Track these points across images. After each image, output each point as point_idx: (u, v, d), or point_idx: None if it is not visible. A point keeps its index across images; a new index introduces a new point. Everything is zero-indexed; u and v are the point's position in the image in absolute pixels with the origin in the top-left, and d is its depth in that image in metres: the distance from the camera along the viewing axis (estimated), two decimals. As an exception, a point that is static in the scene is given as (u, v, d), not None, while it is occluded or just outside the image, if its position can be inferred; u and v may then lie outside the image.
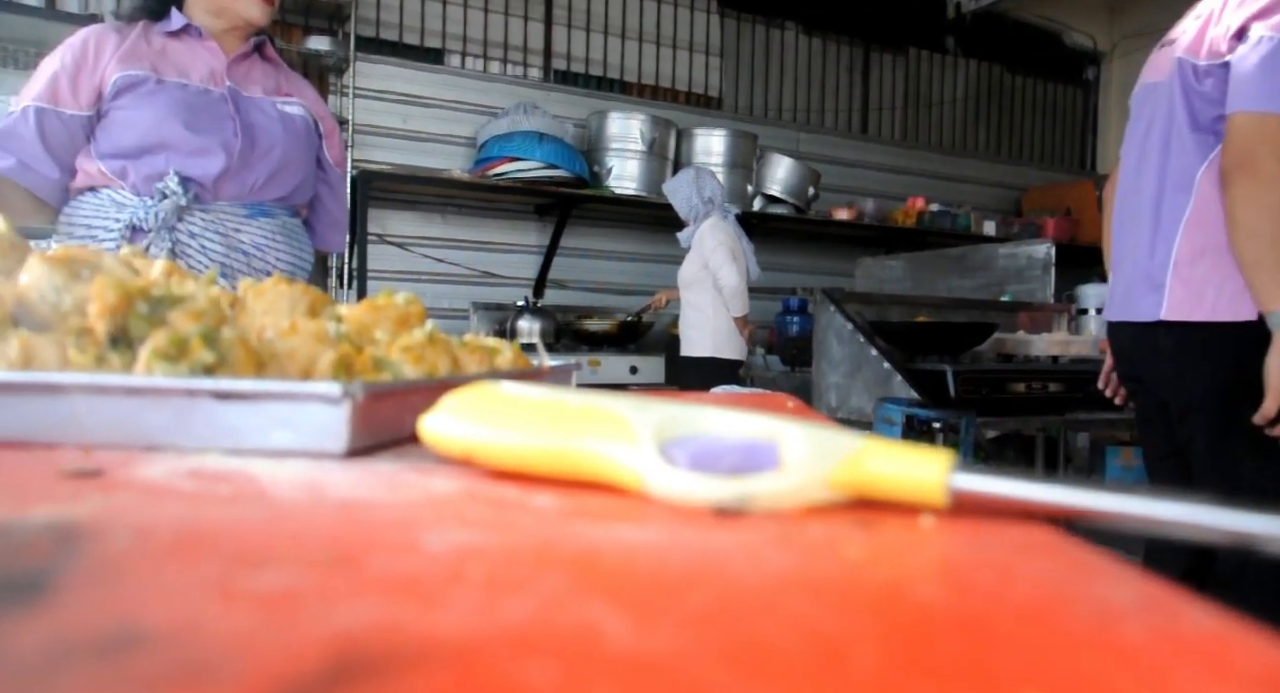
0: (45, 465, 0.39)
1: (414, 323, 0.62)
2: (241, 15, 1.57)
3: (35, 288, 0.56)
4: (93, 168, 1.50)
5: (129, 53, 1.51)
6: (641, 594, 0.21)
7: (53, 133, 1.48)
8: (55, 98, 1.48)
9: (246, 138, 1.55)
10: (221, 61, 1.58)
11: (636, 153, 4.10)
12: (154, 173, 1.48)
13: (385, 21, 4.13)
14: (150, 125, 1.48)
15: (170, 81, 1.51)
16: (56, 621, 0.17)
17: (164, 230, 1.47)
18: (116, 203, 1.49)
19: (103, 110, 1.50)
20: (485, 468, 0.39)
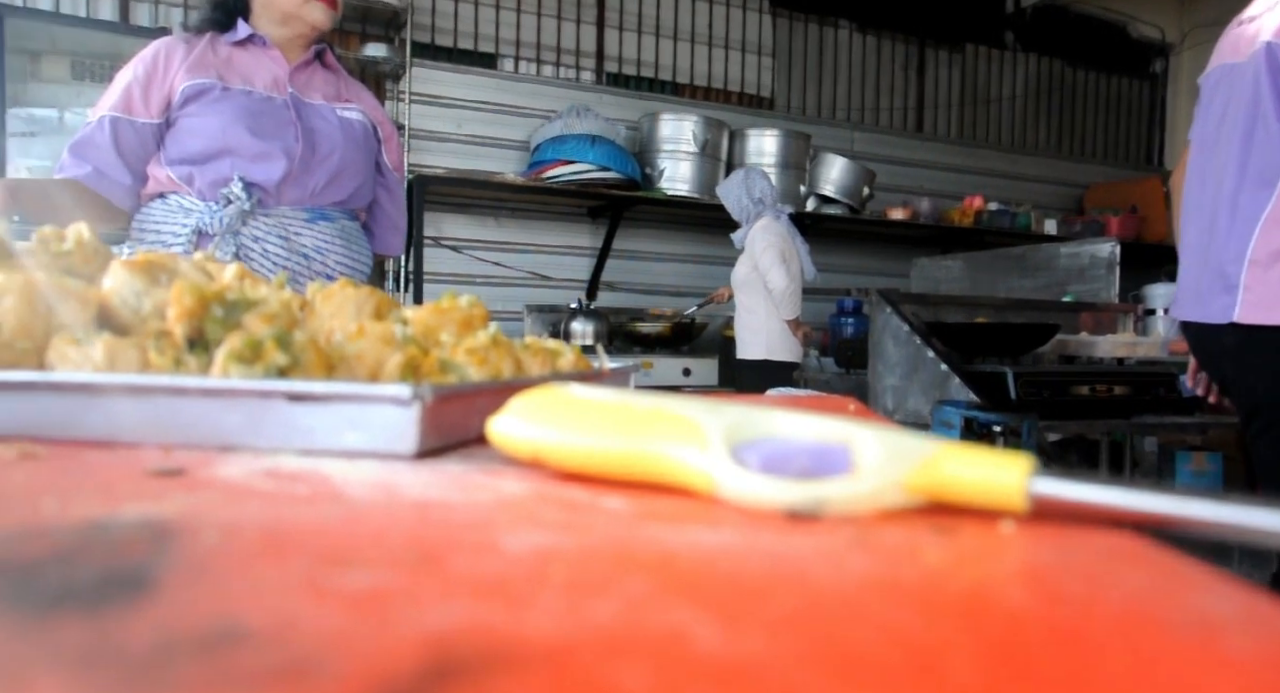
0: (130, 464, 0.40)
1: (477, 326, 0.62)
2: (307, 21, 1.61)
3: (117, 293, 0.58)
4: (162, 174, 1.55)
5: (196, 62, 1.55)
6: (725, 598, 0.21)
7: (126, 141, 1.53)
8: (128, 107, 1.53)
9: (307, 143, 1.58)
10: (284, 69, 1.62)
11: (689, 154, 4.09)
12: (219, 178, 1.52)
13: (440, 27, 4.19)
14: (216, 132, 1.52)
15: (235, 89, 1.56)
16: (161, 616, 0.18)
17: (228, 235, 1.51)
18: (184, 208, 1.54)
19: (171, 118, 1.55)
20: (553, 470, 0.39)
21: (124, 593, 0.19)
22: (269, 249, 1.54)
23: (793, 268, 3.43)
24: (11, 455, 0.42)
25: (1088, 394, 2.47)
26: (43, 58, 3.42)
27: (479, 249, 4.14)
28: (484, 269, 4.13)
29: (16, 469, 0.38)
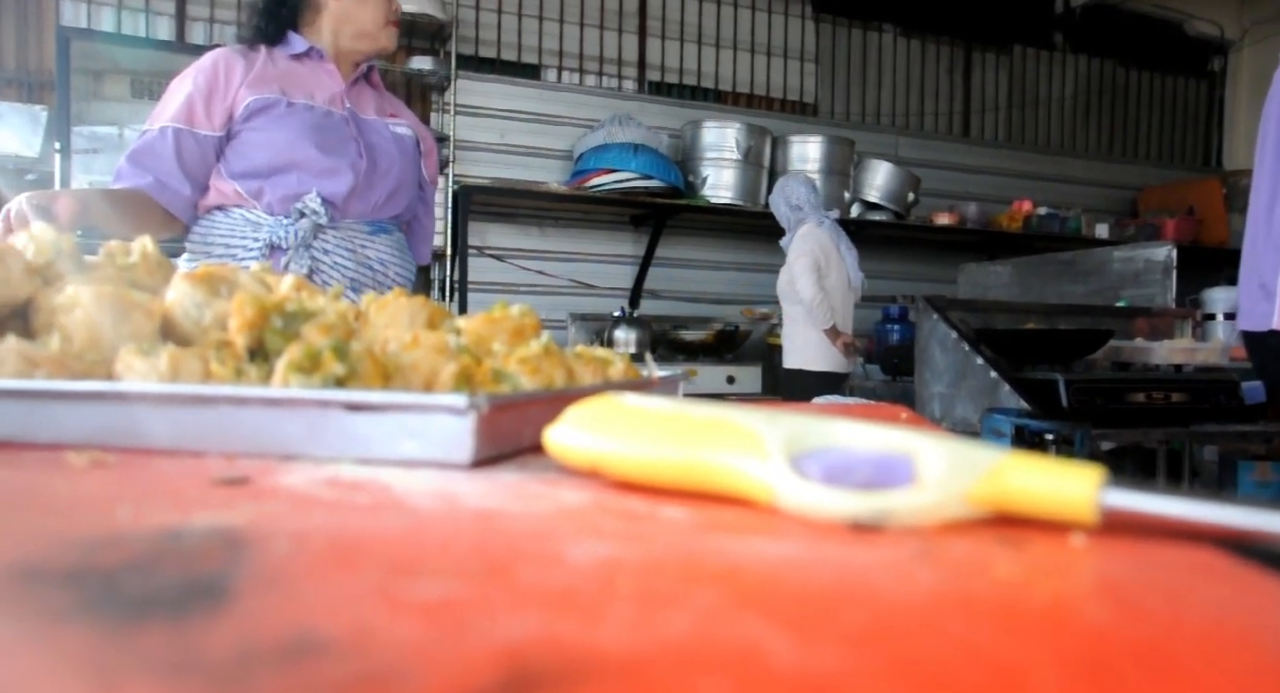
0: (196, 473, 0.41)
1: (529, 335, 0.62)
2: (380, 42, 1.65)
3: (179, 304, 0.59)
4: (228, 188, 1.55)
5: (258, 76, 1.57)
6: (797, 611, 0.21)
7: (188, 152, 1.53)
8: (190, 119, 1.53)
9: (370, 158, 1.61)
10: (340, 85, 1.64)
11: (731, 162, 4.09)
12: (288, 192, 1.54)
13: (484, 39, 4.24)
14: (283, 146, 1.54)
15: (299, 104, 1.57)
16: (241, 626, 0.18)
17: (302, 248, 1.53)
18: (251, 222, 1.54)
19: (233, 131, 1.55)
20: (610, 479, 0.39)
21: (204, 602, 0.19)
22: (338, 261, 1.56)
23: (832, 277, 3.39)
24: (83, 463, 0.43)
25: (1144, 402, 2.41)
26: (104, 77, 3.52)
27: (523, 258, 4.18)
28: (528, 278, 4.16)
29: (89, 477, 0.39)
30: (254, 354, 0.53)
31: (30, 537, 0.26)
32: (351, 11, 1.65)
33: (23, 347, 0.53)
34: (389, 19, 1.68)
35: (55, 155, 3.35)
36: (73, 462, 0.43)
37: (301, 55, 1.63)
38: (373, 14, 1.65)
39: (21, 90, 3.61)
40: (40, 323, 0.59)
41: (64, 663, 0.16)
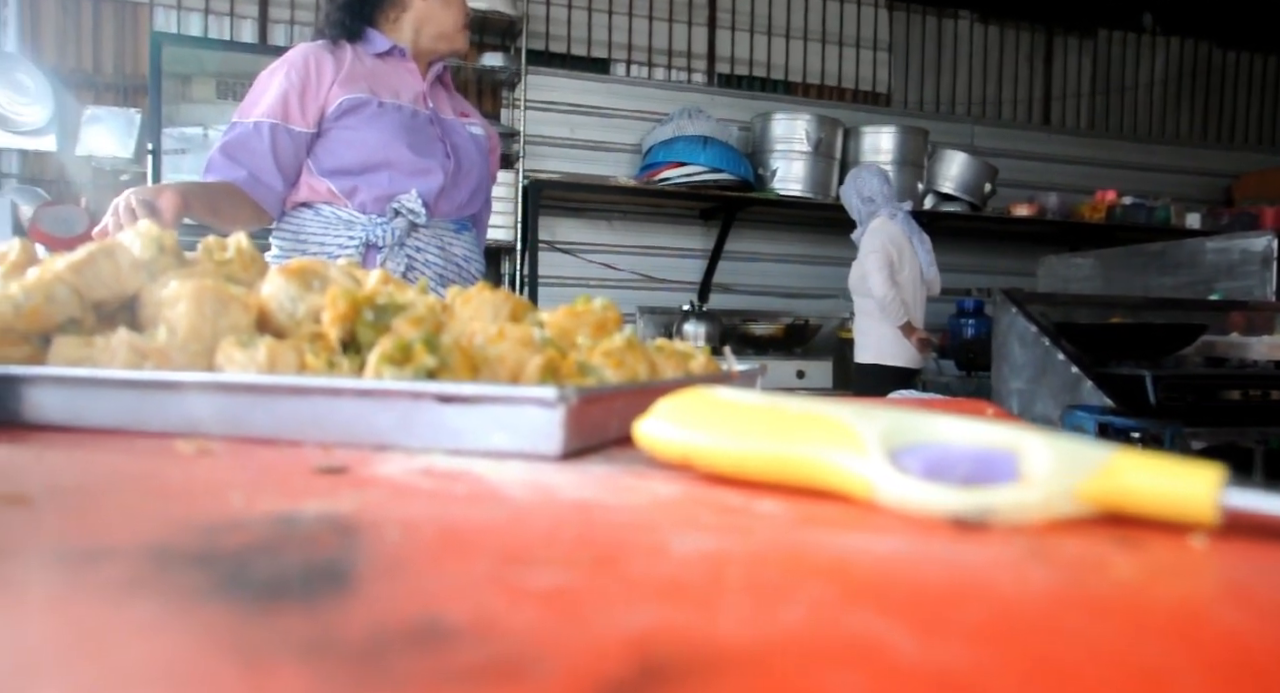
0: (296, 461, 0.42)
1: (611, 328, 0.63)
2: (455, 44, 1.68)
3: (274, 298, 0.61)
4: (320, 185, 1.57)
5: (349, 75, 1.58)
6: (913, 606, 0.20)
7: (282, 148, 1.54)
8: (286, 115, 1.54)
9: (456, 158, 1.64)
10: (421, 84, 1.67)
11: (802, 154, 4.04)
12: (381, 192, 1.55)
13: (554, 34, 4.27)
14: (376, 145, 1.55)
15: (389, 104, 1.60)
16: (369, 610, 0.18)
17: (398, 246, 1.56)
18: (344, 220, 1.56)
19: (324, 128, 1.57)
20: (700, 472, 0.39)
21: (331, 586, 0.20)
22: (430, 259, 1.59)
23: (905, 272, 3.32)
24: (191, 451, 0.45)
25: (1239, 399, 2.30)
26: (192, 80, 3.65)
27: (592, 252, 4.20)
28: (597, 272, 4.18)
29: (198, 464, 0.41)
30: (346, 346, 0.54)
31: (157, 520, 0.27)
32: (435, 12, 1.67)
33: (133, 339, 0.55)
34: (464, 22, 1.70)
35: (148, 156, 3.49)
36: (181, 449, 0.45)
37: (385, 53, 1.65)
38: (454, 16, 1.68)
39: (118, 94, 3.76)
40: (146, 316, 0.62)
41: (210, 641, 0.16)
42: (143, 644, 0.16)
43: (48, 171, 3.72)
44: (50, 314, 0.58)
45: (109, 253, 0.63)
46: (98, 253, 0.63)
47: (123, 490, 0.33)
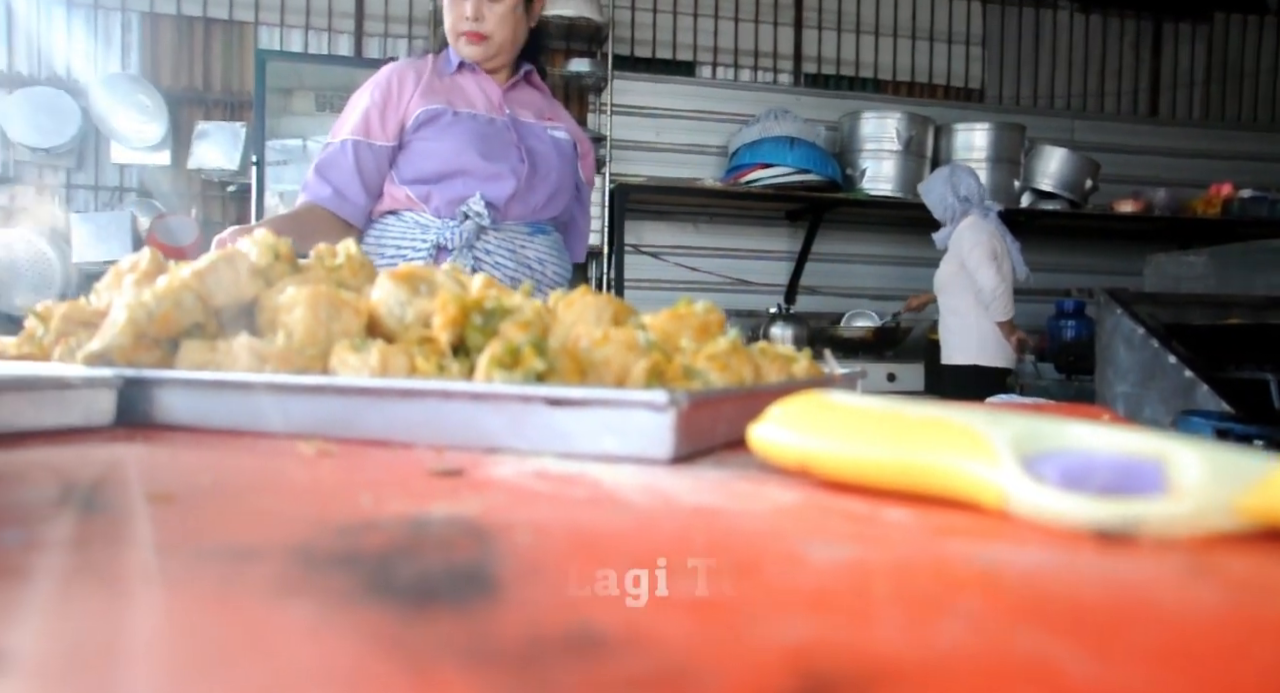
0: (412, 463, 0.43)
1: (714, 331, 0.62)
2: (464, 54, 1.70)
3: (384, 302, 0.62)
4: (400, 193, 1.66)
5: (427, 88, 1.67)
6: (1077, 623, 0.19)
7: (365, 163, 1.65)
8: (367, 131, 1.65)
9: (530, 162, 1.67)
10: (498, 91, 1.71)
11: (891, 153, 3.95)
12: (454, 196, 1.62)
13: (640, 39, 4.28)
14: (450, 154, 1.63)
15: (464, 113, 1.66)
16: (520, 615, 0.18)
17: (465, 249, 1.61)
18: (420, 225, 1.64)
19: (405, 140, 1.66)
20: (817, 478, 0.38)
21: (477, 590, 0.20)
22: (500, 261, 1.63)
23: (1004, 268, 3.23)
24: (311, 451, 0.46)
25: (1373, 405, 2.15)
26: (292, 93, 3.80)
27: (678, 255, 4.20)
28: (682, 275, 4.18)
29: (320, 465, 0.42)
30: (455, 350, 0.55)
31: (296, 520, 0.28)
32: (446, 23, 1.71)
33: (253, 343, 0.57)
34: (459, 30, 1.68)
35: (252, 168, 3.64)
36: (302, 450, 0.46)
37: (460, 67, 1.71)
38: (451, 24, 1.69)
39: (225, 110, 3.94)
40: (264, 320, 0.64)
41: (371, 643, 0.16)
42: (308, 645, 0.16)
43: (161, 184, 3.91)
44: (178, 319, 0.61)
45: (229, 261, 0.65)
46: (219, 261, 0.65)
47: (257, 491, 0.34)
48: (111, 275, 0.75)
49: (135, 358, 0.60)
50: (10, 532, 0.26)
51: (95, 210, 3.81)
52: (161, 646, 0.17)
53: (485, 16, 1.66)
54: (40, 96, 3.71)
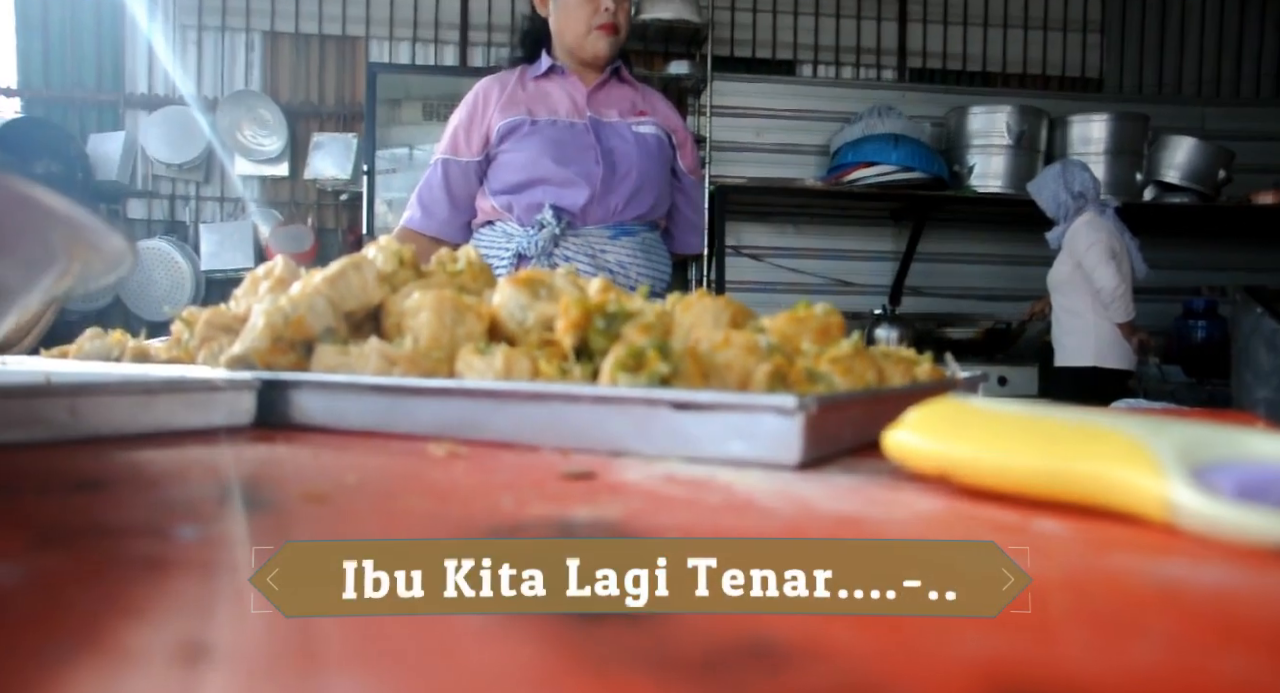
0: (540, 465, 0.43)
1: (834, 334, 0.61)
2: (590, 52, 1.72)
3: (504, 306, 0.63)
4: (487, 205, 1.73)
5: (509, 101, 1.72)
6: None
7: (454, 179, 1.74)
8: (455, 149, 1.74)
9: (607, 165, 1.68)
10: (582, 93, 1.74)
11: (1001, 148, 3.81)
12: (533, 205, 1.67)
13: (739, 39, 4.26)
14: (527, 163, 1.68)
15: (542, 120, 1.70)
16: (694, 624, 0.18)
17: (543, 256, 1.65)
18: (506, 234, 1.71)
19: (491, 154, 1.72)
20: (956, 486, 0.36)
21: (643, 596, 0.20)
22: (579, 267, 1.66)
23: (1123, 266, 3.07)
24: (442, 453, 0.47)
25: None
26: (400, 104, 3.93)
27: (778, 256, 4.15)
28: (784, 276, 4.13)
29: (453, 466, 0.43)
30: (579, 354, 0.56)
31: (445, 520, 0.28)
32: (562, 26, 1.74)
33: (383, 347, 0.59)
34: (592, 25, 1.71)
35: (363, 177, 3.78)
36: (433, 452, 0.48)
37: (546, 73, 1.75)
38: (573, 24, 1.72)
39: (339, 122, 4.11)
40: (390, 325, 0.66)
41: (552, 647, 0.16)
42: (490, 647, 0.16)
43: (280, 195, 4.11)
44: (311, 324, 0.64)
45: (358, 267, 0.68)
46: (348, 267, 0.68)
47: (401, 491, 0.35)
48: (249, 282, 0.79)
49: (272, 361, 0.63)
50: (186, 527, 0.27)
51: (220, 221, 4.03)
52: (349, 643, 0.17)
53: (613, 8, 1.71)
54: (174, 115, 3.94)
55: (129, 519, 0.29)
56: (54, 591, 0.20)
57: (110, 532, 0.27)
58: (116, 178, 3.88)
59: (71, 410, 0.49)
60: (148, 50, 4.03)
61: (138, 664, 0.17)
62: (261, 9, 4.05)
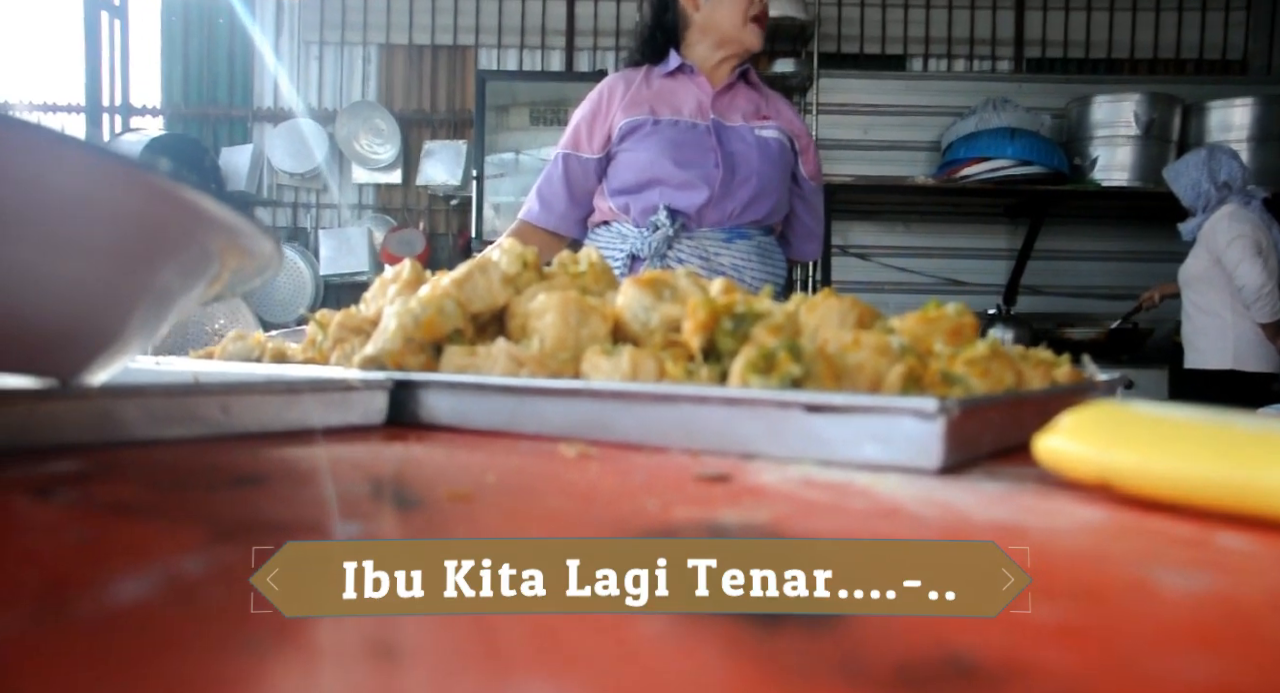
0: (673, 467, 0.43)
1: (967, 335, 0.59)
2: (743, 43, 1.71)
3: (629, 307, 0.64)
4: (604, 204, 1.74)
5: (632, 100, 1.72)
6: None
7: (573, 174, 1.75)
8: (576, 144, 1.75)
9: (727, 168, 1.67)
10: (708, 94, 1.73)
11: (1128, 138, 3.62)
12: (649, 206, 1.67)
13: (846, 35, 4.19)
14: (646, 164, 1.67)
15: (664, 120, 1.69)
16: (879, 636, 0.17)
17: (656, 258, 1.64)
18: (621, 235, 1.71)
19: (612, 153, 1.73)
20: (1115, 495, 0.34)
21: (820, 605, 0.19)
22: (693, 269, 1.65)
23: (1270, 263, 2.87)
24: (572, 453, 0.47)
25: None
26: (509, 110, 4.02)
27: (887, 256, 4.06)
28: (892, 276, 4.03)
29: (586, 467, 0.43)
30: (706, 355, 0.55)
31: (594, 522, 0.28)
32: (712, 18, 1.72)
33: (510, 348, 0.60)
34: (748, 17, 1.71)
35: (472, 182, 3.88)
36: (564, 452, 0.48)
37: (674, 71, 1.74)
38: (730, 15, 1.71)
39: (449, 129, 4.24)
40: (514, 326, 0.68)
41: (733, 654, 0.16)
42: (671, 651, 0.16)
43: (394, 201, 4.26)
44: (440, 325, 0.65)
45: (483, 269, 0.69)
46: (474, 269, 0.69)
47: (542, 491, 0.35)
48: (377, 285, 0.82)
49: (403, 362, 0.64)
50: (349, 525, 0.28)
51: (338, 227, 4.21)
52: (531, 645, 0.17)
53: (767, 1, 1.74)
54: (297, 127, 4.14)
55: (294, 515, 0.30)
56: (239, 584, 0.21)
57: (280, 527, 0.28)
58: (245, 188, 4.10)
59: (224, 408, 0.52)
60: (274, 67, 4.24)
61: (330, 660, 0.17)
62: (377, 23, 4.21)
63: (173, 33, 4.25)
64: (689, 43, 1.76)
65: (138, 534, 0.26)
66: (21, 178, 0.32)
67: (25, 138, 0.32)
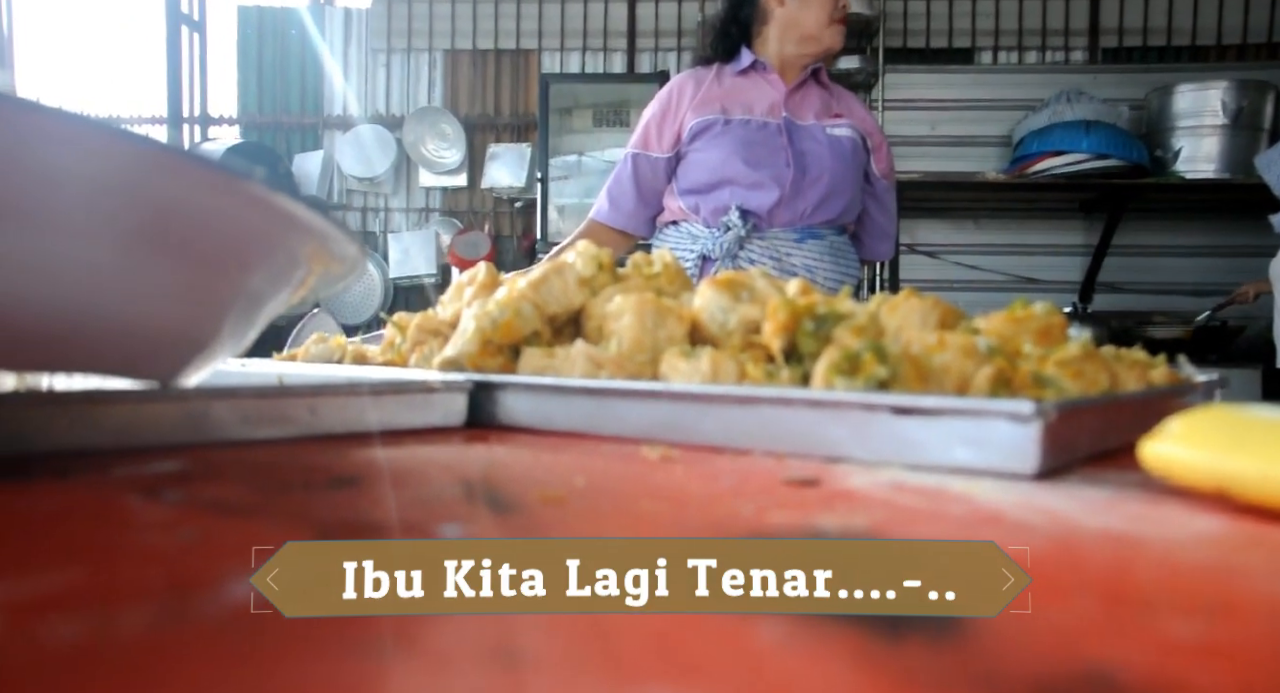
0: (759, 470, 0.43)
1: (1056, 335, 0.57)
2: (825, 43, 1.69)
3: (706, 309, 0.63)
4: (674, 204, 1.73)
5: (703, 99, 1.71)
6: None
7: (643, 173, 1.75)
8: (646, 143, 1.74)
9: (798, 167, 1.65)
10: (780, 92, 1.71)
11: (1214, 128, 3.48)
12: (720, 206, 1.66)
13: (912, 29, 4.11)
14: (716, 164, 1.66)
15: (735, 120, 1.68)
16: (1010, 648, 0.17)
17: (727, 258, 1.63)
18: (691, 235, 1.70)
19: (682, 152, 1.72)
20: (1228, 503, 0.33)
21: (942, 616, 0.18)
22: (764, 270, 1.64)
23: (1371, 258, 2.73)
24: (655, 456, 0.47)
25: None
26: (571, 112, 4.04)
27: (956, 253, 3.97)
28: (962, 274, 3.94)
29: (671, 469, 0.43)
30: (788, 357, 0.55)
31: (693, 526, 0.28)
32: (796, 16, 1.70)
33: (589, 350, 0.60)
34: (834, 17, 1.70)
35: (537, 184, 3.92)
36: (647, 455, 0.48)
37: (746, 69, 1.72)
38: (816, 14, 1.69)
39: (513, 132, 4.28)
40: (590, 328, 0.68)
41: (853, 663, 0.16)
42: (788, 659, 0.16)
43: (460, 204, 4.32)
44: (518, 327, 0.66)
45: (560, 272, 0.70)
46: (550, 272, 0.70)
47: (632, 494, 0.35)
48: (454, 288, 0.83)
49: (482, 364, 0.65)
50: (449, 526, 0.28)
51: (406, 230, 4.29)
52: (650, 651, 0.17)
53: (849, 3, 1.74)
54: (365, 134, 4.24)
55: (393, 516, 0.30)
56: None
57: (380, 527, 0.28)
58: (316, 193, 4.21)
59: (312, 410, 0.53)
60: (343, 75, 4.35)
61: (451, 664, 0.17)
62: (442, 29, 4.28)
63: (248, 45, 4.38)
64: (764, 38, 1.75)
65: (247, 534, 0.27)
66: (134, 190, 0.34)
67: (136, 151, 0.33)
